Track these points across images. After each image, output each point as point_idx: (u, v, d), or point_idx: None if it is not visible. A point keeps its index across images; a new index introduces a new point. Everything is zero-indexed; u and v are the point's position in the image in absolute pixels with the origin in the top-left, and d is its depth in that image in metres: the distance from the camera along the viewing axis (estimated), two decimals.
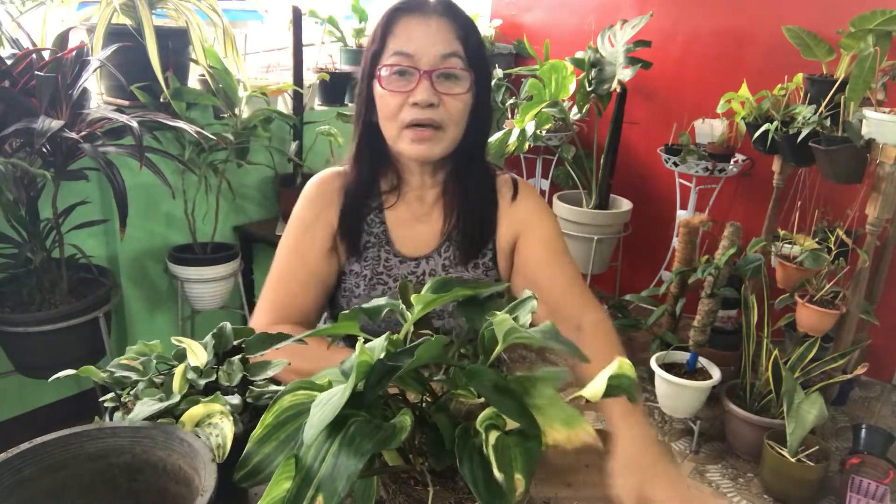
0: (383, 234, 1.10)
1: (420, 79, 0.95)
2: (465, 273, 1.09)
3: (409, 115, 0.97)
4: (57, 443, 0.62)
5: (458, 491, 0.59)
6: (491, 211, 1.10)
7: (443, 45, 0.96)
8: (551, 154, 3.07)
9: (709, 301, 2.15)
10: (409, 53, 0.95)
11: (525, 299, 0.66)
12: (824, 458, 1.94)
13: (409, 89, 0.96)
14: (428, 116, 0.96)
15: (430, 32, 0.96)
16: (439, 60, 0.96)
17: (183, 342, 0.77)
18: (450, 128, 0.99)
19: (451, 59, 0.96)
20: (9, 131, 1.46)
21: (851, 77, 1.87)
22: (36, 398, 2.08)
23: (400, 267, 1.09)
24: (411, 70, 0.96)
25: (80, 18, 1.88)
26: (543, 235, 1.09)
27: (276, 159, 2.35)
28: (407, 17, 0.97)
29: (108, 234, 2.08)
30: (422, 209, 1.11)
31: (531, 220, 1.10)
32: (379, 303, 0.68)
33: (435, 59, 0.95)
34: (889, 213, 1.94)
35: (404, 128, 0.98)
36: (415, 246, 1.10)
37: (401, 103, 0.97)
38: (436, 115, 0.97)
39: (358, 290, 1.09)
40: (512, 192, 1.11)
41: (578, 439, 0.52)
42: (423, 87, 0.95)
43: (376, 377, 0.52)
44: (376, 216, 1.10)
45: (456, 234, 1.09)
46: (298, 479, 0.48)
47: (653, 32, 2.66)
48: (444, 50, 0.96)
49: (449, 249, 1.10)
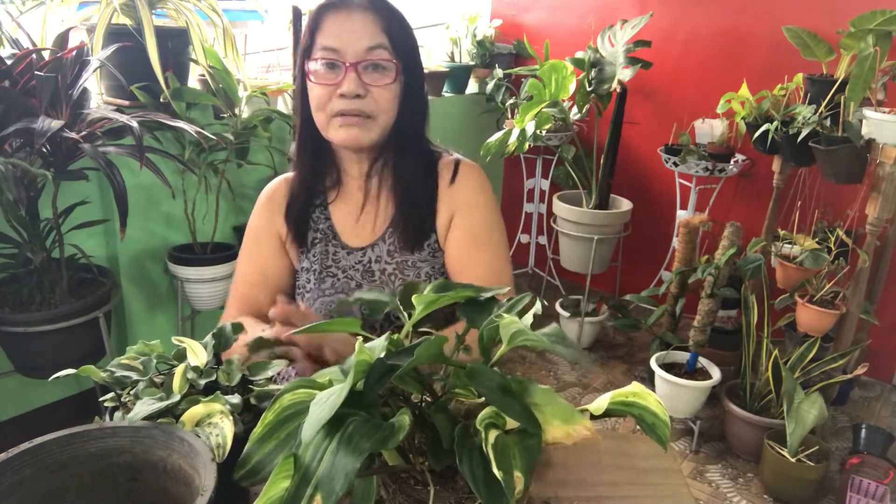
0: (329, 229, 1.14)
1: (346, 71, 0.99)
2: (410, 257, 1.11)
3: (337, 106, 1.00)
4: (57, 443, 0.62)
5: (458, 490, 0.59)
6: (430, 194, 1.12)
7: (367, 39, 0.99)
8: (551, 154, 3.07)
9: (709, 301, 2.15)
10: (334, 48, 0.99)
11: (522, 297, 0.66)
12: (824, 458, 1.94)
13: (337, 81, 1.00)
14: (355, 107, 1.00)
15: (355, 27, 0.99)
16: (364, 53, 0.99)
17: (183, 342, 0.77)
18: (379, 116, 1.02)
19: (377, 51, 1.00)
20: (9, 131, 1.46)
21: (851, 77, 1.87)
22: (36, 398, 2.08)
23: (347, 258, 1.12)
24: (338, 63, 0.99)
25: (80, 18, 1.89)
26: (470, 222, 1.11)
27: (276, 159, 2.35)
28: (333, 14, 1.01)
29: (108, 234, 2.09)
30: (364, 199, 1.14)
31: (463, 204, 1.11)
32: (381, 298, 0.68)
33: (360, 52, 0.99)
34: (889, 213, 1.94)
35: (333, 116, 1.02)
36: (361, 236, 1.13)
37: (329, 94, 1.01)
38: (363, 106, 1.00)
39: (309, 284, 1.13)
40: (451, 175, 1.12)
41: (578, 434, 0.52)
42: (350, 79, 0.99)
43: (375, 376, 0.52)
44: (321, 213, 1.14)
45: (397, 219, 1.11)
46: (297, 478, 0.48)
47: (653, 32, 2.67)
48: (368, 43, 0.99)
49: (393, 236, 1.11)
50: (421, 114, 1.11)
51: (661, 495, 0.85)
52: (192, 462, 0.61)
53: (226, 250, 2.14)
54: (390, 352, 0.54)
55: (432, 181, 1.12)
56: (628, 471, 0.89)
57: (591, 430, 0.52)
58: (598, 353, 2.87)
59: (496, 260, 1.11)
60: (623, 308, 2.59)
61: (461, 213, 1.11)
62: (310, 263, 1.13)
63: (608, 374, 2.72)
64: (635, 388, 0.60)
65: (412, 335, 0.63)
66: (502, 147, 2.60)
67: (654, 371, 2.22)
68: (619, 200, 2.88)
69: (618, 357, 2.86)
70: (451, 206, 1.12)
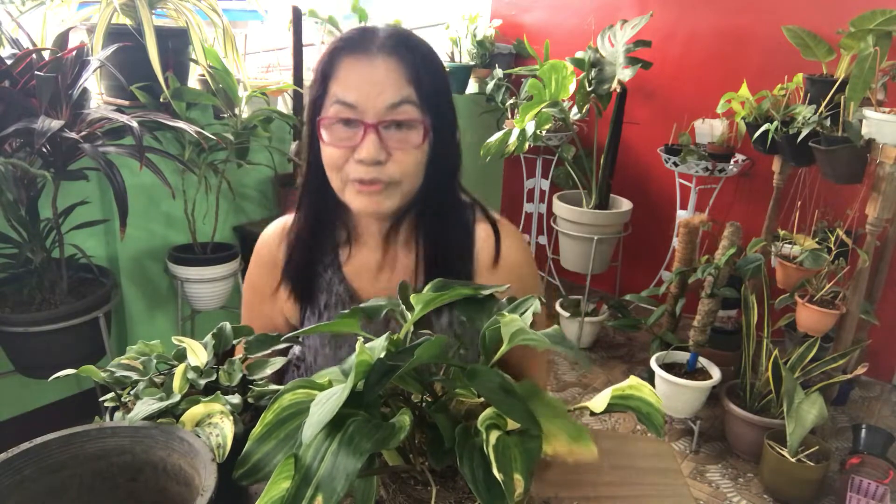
0: (345, 291, 0.98)
1: (366, 132, 0.83)
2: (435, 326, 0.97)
3: (355, 173, 0.85)
4: (57, 443, 0.62)
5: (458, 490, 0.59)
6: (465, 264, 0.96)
7: (390, 93, 0.83)
8: (551, 154, 3.06)
9: (709, 301, 2.15)
10: (351, 104, 0.83)
11: (526, 300, 0.66)
12: (824, 458, 1.94)
13: (354, 144, 0.84)
14: (374, 176, 0.84)
15: (377, 79, 0.83)
16: (386, 111, 0.83)
17: (183, 342, 0.77)
18: (403, 182, 0.87)
19: (402, 108, 0.84)
20: (9, 131, 1.46)
21: (851, 77, 1.87)
22: (36, 398, 2.08)
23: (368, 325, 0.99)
24: (355, 121, 0.84)
25: (80, 18, 1.89)
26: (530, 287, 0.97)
27: (275, 159, 2.35)
28: (350, 59, 0.85)
29: (108, 234, 2.09)
30: (384, 256, 0.98)
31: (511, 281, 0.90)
32: (379, 302, 0.68)
33: (381, 110, 0.83)
34: (889, 213, 1.94)
35: (349, 181, 0.87)
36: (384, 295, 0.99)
37: (345, 157, 0.85)
38: (383, 174, 0.85)
39: (323, 350, 1.00)
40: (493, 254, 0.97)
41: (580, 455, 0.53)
42: (369, 143, 0.83)
43: (376, 377, 0.52)
44: (335, 274, 0.98)
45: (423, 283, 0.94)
46: (297, 479, 0.48)
47: (653, 32, 2.66)
48: (391, 98, 0.83)
49: None
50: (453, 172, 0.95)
51: (661, 495, 0.85)
52: (193, 462, 0.61)
53: (226, 250, 2.14)
54: (390, 352, 0.54)
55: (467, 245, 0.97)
56: (628, 471, 0.89)
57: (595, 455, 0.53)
58: (598, 353, 2.87)
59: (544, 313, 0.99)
60: (623, 308, 2.59)
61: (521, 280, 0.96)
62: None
63: (608, 374, 2.72)
64: (632, 381, 0.60)
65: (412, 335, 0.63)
66: (502, 147, 2.60)
67: (654, 371, 2.22)
68: (619, 200, 2.88)
69: (618, 357, 2.86)
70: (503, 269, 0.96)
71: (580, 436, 0.53)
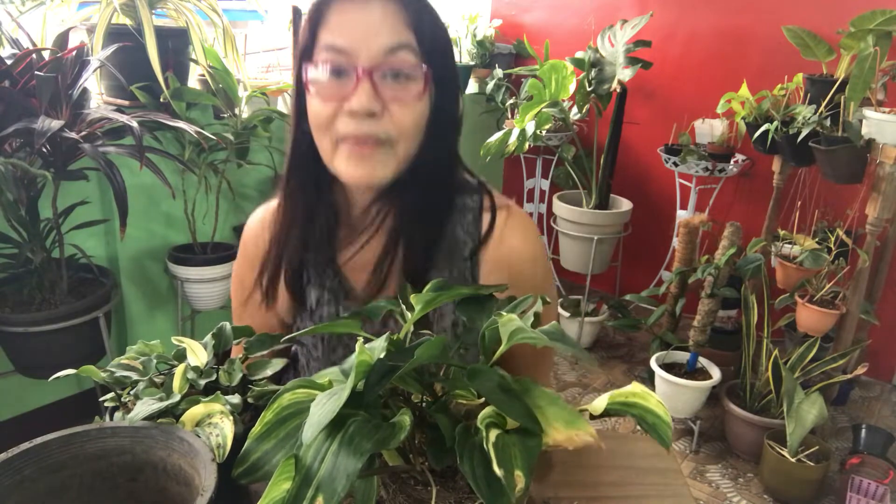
0: (339, 286, 0.88)
1: (358, 80, 0.73)
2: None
3: (345, 128, 0.75)
4: (57, 443, 0.62)
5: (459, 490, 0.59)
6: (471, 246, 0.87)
7: (387, 36, 0.74)
8: (551, 154, 3.07)
9: (709, 301, 2.15)
10: (343, 48, 0.74)
11: (525, 299, 0.66)
12: (824, 458, 1.94)
13: (345, 94, 0.74)
14: (367, 131, 0.75)
15: (372, 21, 0.74)
16: (383, 54, 0.74)
17: (183, 342, 0.77)
18: (399, 143, 0.77)
19: (400, 53, 0.75)
20: (9, 131, 1.46)
21: (851, 77, 1.87)
22: (36, 398, 2.08)
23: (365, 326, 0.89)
24: (347, 69, 0.74)
25: (80, 18, 1.89)
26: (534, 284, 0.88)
27: (276, 159, 2.35)
28: (341, 3, 0.75)
29: (108, 234, 2.09)
30: (378, 243, 0.86)
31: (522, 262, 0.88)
32: (378, 303, 0.68)
33: (377, 54, 0.74)
34: (889, 213, 1.94)
35: (339, 142, 0.77)
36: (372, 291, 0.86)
37: (334, 112, 0.76)
38: (378, 129, 0.75)
39: (316, 352, 0.92)
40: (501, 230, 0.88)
41: (579, 439, 0.52)
42: (362, 91, 0.73)
43: (376, 377, 0.52)
44: (328, 266, 0.88)
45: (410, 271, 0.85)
46: (298, 480, 0.48)
47: (653, 32, 2.66)
48: (388, 41, 0.74)
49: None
50: (452, 141, 0.85)
51: (661, 495, 0.85)
52: (193, 462, 0.61)
53: (226, 250, 2.14)
54: (390, 352, 0.54)
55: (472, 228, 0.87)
56: (628, 471, 0.89)
57: (595, 435, 0.52)
58: (598, 353, 2.87)
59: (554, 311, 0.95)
60: (623, 308, 2.59)
61: (522, 275, 0.87)
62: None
63: (608, 374, 2.72)
64: (635, 389, 0.59)
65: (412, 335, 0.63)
66: (502, 147, 2.60)
67: (654, 371, 2.22)
68: (619, 200, 2.88)
69: (618, 357, 2.86)
70: (504, 264, 0.88)
71: (575, 420, 0.53)
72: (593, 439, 0.52)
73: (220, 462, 0.61)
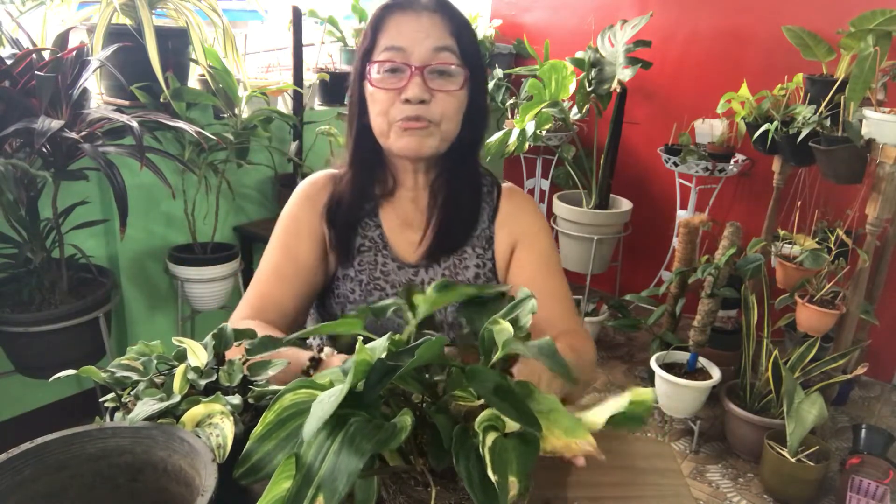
0: (379, 237, 1.07)
1: (411, 75, 0.94)
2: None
3: (401, 113, 0.95)
4: (57, 443, 0.62)
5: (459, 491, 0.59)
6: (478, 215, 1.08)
7: (435, 40, 0.94)
8: (551, 154, 3.07)
9: (709, 301, 2.15)
10: (399, 47, 0.94)
11: (524, 299, 0.66)
12: (824, 458, 1.94)
13: (401, 86, 0.94)
14: (419, 114, 0.95)
15: (423, 27, 0.95)
16: (431, 55, 0.94)
17: (183, 342, 0.77)
18: (443, 123, 0.97)
19: (444, 54, 0.95)
20: (9, 131, 1.46)
21: (851, 77, 1.87)
22: (36, 398, 2.08)
23: (398, 273, 1.07)
24: (402, 66, 0.94)
25: (80, 18, 1.89)
26: (539, 249, 1.08)
27: (276, 159, 2.35)
28: (398, 15, 0.96)
29: (108, 234, 2.09)
30: (414, 213, 1.08)
31: (527, 233, 1.08)
32: (384, 302, 0.68)
33: (427, 54, 0.94)
34: (889, 213, 1.94)
35: (394, 122, 0.96)
36: (409, 251, 1.08)
37: (391, 100, 0.95)
38: (427, 113, 0.95)
39: (353, 295, 1.07)
40: (510, 202, 1.10)
41: (578, 448, 0.52)
42: (415, 83, 0.93)
43: (376, 377, 0.52)
44: (371, 220, 1.08)
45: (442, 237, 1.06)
46: (299, 479, 0.48)
47: (653, 32, 2.67)
48: (435, 44, 0.94)
49: (449, 258, 1.07)
50: (482, 129, 1.06)
51: (661, 495, 0.85)
52: (193, 462, 0.61)
53: (226, 250, 2.14)
54: (391, 352, 0.54)
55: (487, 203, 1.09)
56: (628, 471, 0.89)
57: (594, 444, 0.52)
58: (598, 354, 2.87)
59: (563, 285, 1.08)
60: (623, 308, 2.58)
61: (527, 241, 1.08)
62: (355, 273, 1.07)
63: (608, 374, 2.72)
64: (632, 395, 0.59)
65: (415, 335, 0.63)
66: (502, 147, 2.60)
67: (654, 371, 2.22)
68: (619, 200, 2.88)
69: (618, 357, 2.86)
70: (513, 234, 1.08)
71: (575, 428, 0.53)
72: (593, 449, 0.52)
73: (221, 462, 0.61)
